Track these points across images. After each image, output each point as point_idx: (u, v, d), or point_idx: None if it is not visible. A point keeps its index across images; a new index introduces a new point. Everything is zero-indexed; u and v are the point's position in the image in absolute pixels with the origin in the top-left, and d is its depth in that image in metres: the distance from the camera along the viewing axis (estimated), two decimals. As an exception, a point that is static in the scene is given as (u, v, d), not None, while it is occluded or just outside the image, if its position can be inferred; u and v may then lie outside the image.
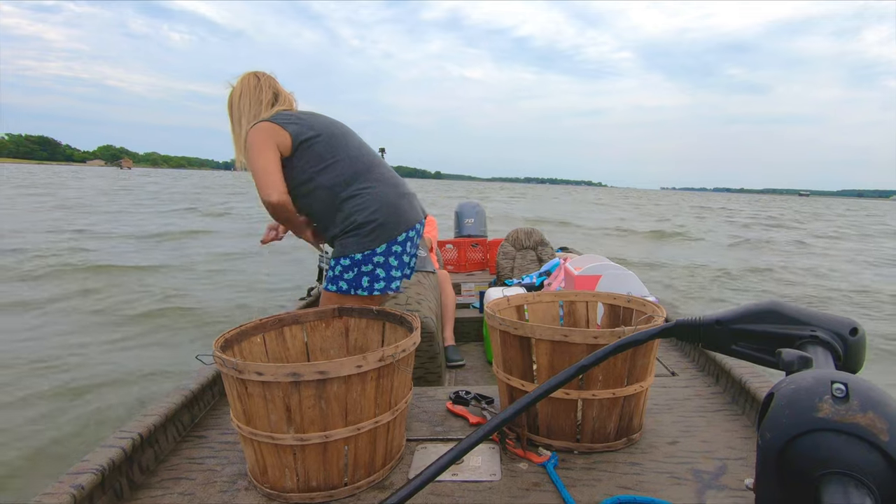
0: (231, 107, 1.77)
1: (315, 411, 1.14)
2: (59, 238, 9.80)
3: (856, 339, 0.53)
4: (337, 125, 1.79)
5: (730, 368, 1.74)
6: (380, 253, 1.69)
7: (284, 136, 1.66)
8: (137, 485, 1.28)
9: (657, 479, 1.26)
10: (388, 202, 1.71)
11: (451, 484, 1.25)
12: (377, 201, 1.69)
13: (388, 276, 1.73)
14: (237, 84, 1.77)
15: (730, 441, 1.43)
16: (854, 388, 0.39)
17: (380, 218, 1.68)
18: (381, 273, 1.71)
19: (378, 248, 1.68)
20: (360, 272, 1.70)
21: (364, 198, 1.68)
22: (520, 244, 4.00)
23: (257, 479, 1.24)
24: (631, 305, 1.69)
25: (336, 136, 1.74)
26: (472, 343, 3.30)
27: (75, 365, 3.81)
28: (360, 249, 1.67)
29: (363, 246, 1.67)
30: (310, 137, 1.69)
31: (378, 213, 1.68)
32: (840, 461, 0.36)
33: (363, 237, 1.67)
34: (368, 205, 1.68)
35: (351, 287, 1.71)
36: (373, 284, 1.71)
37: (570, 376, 0.61)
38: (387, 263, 1.71)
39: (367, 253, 1.68)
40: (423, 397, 1.78)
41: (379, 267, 1.70)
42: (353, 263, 1.69)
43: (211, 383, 1.74)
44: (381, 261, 1.70)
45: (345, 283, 1.71)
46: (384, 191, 1.72)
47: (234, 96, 1.76)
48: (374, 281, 1.71)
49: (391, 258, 1.72)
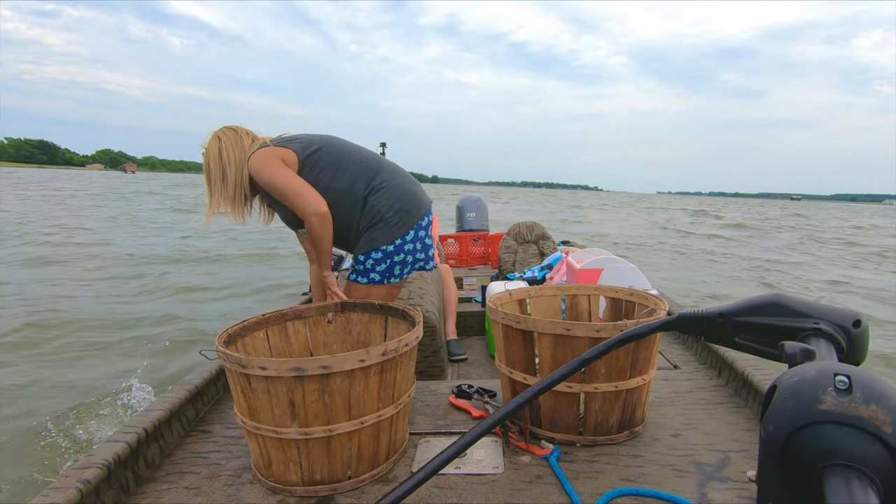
0: (209, 165, 1.68)
1: (319, 405, 1.15)
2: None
3: (859, 332, 0.53)
4: (330, 136, 1.81)
5: (732, 361, 1.74)
6: (409, 240, 1.75)
7: (289, 154, 1.67)
8: (143, 479, 1.29)
9: (660, 471, 1.26)
10: (406, 189, 1.77)
11: (454, 477, 1.26)
12: (398, 190, 1.74)
13: (416, 258, 1.81)
14: (211, 141, 1.70)
15: (732, 433, 1.43)
16: (857, 380, 0.39)
17: (403, 206, 1.74)
18: (410, 259, 1.79)
19: (407, 236, 1.74)
20: (393, 262, 1.75)
21: (385, 190, 1.73)
22: (521, 238, 4.00)
23: (262, 472, 1.25)
24: (633, 299, 1.69)
25: (337, 144, 1.77)
26: (474, 337, 3.31)
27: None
28: (390, 239, 1.72)
29: (392, 235, 1.72)
30: (314, 150, 1.71)
31: (400, 200, 1.74)
32: (843, 453, 0.36)
33: (391, 227, 1.72)
34: (390, 195, 1.73)
35: (383, 277, 1.77)
36: (403, 270, 1.79)
37: (573, 370, 0.61)
38: (415, 249, 1.79)
39: (398, 242, 1.73)
40: (425, 391, 1.78)
41: (409, 254, 1.77)
42: (384, 255, 1.73)
43: (215, 378, 1.75)
44: (411, 248, 1.77)
45: (377, 275, 1.76)
46: (400, 181, 1.78)
47: (212, 152, 1.68)
48: (404, 267, 1.79)
49: (418, 243, 1.79)
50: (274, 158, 1.65)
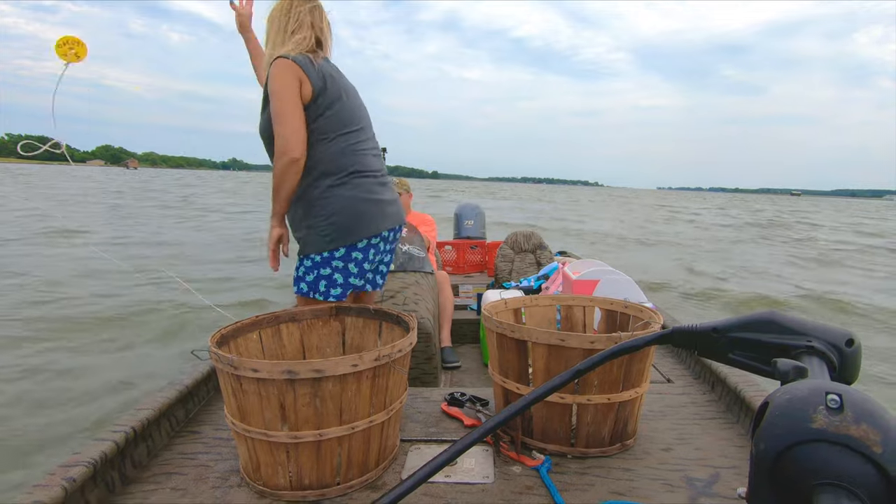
0: (270, 19, 1.64)
1: (310, 409, 1.14)
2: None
3: (851, 350, 0.53)
4: (356, 91, 1.76)
5: (725, 376, 1.75)
6: (338, 257, 1.68)
7: (308, 86, 1.56)
8: (129, 479, 1.27)
9: (650, 485, 1.26)
10: (356, 209, 1.68)
11: (444, 485, 1.25)
12: (349, 203, 1.68)
13: (348, 282, 1.72)
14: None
15: (724, 449, 1.43)
16: (848, 399, 0.39)
17: (342, 220, 1.67)
18: (339, 279, 1.71)
19: (336, 252, 1.66)
20: (319, 275, 1.68)
21: (336, 197, 1.67)
22: (518, 247, 4.01)
23: (250, 476, 1.24)
24: (628, 311, 1.69)
25: (354, 108, 1.71)
26: (468, 345, 3.30)
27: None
28: (317, 249, 1.68)
29: (319, 246, 1.67)
30: (331, 102, 1.62)
31: (342, 213, 1.67)
32: (833, 472, 0.36)
33: (321, 236, 1.68)
34: (336, 204, 1.66)
35: (310, 290, 1.71)
36: (329, 290, 1.70)
37: (566, 380, 0.61)
38: (346, 269, 1.71)
39: (325, 255, 1.66)
40: (418, 398, 1.78)
41: (338, 272, 1.69)
42: (312, 265, 1.68)
43: (206, 379, 1.73)
44: (340, 265, 1.69)
45: (305, 286, 1.70)
46: (362, 196, 1.68)
47: (273, 12, 1.64)
48: (331, 286, 1.70)
49: (351, 264, 1.69)
50: (293, 80, 1.52)
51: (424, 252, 2.91)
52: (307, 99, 1.55)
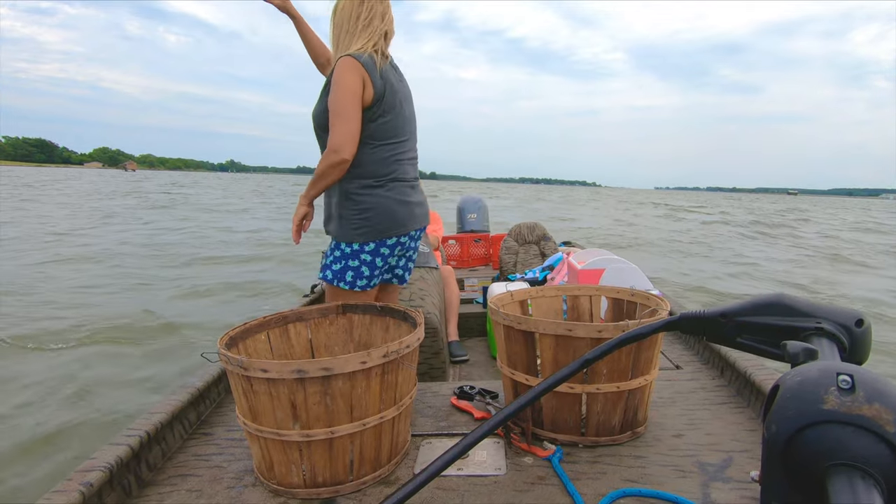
0: (336, 17, 1.68)
1: (320, 408, 1.15)
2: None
3: (861, 331, 0.53)
4: (410, 100, 1.80)
5: (734, 361, 1.74)
6: (368, 251, 1.75)
7: (370, 89, 1.60)
8: (145, 482, 1.29)
9: (662, 471, 1.26)
10: (391, 209, 1.76)
11: (456, 478, 1.25)
12: (386, 204, 1.75)
13: (374, 273, 1.80)
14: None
15: (735, 434, 1.43)
16: (860, 379, 0.39)
17: (373, 218, 1.74)
18: (366, 271, 1.78)
19: (367, 246, 1.74)
20: (346, 266, 1.76)
21: (377, 196, 1.74)
22: (523, 239, 4.00)
23: (264, 475, 1.25)
24: (635, 299, 1.69)
25: (407, 118, 1.76)
26: (475, 338, 3.31)
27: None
28: (348, 239, 1.73)
29: (351, 236, 1.74)
30: (387, 110, 1.66)
31: (377, 210, 1.74)
32: (846, 453, 0.36)
33: (354, 227, 1.74)
34: (373, 200, 1.74)
35: (335, 278, 1.78)
36: (356, 280, 1.78)
37: (575, 370, 0.61)
38: (373, 263, 1.78)
39: (356, 247, 1.73)
40: (427, 393, 1.78)
41: (366, 265, 1.77)
42: (342, 255, 1.76)
43: (216, 381, 1.75)
44: (368, 259, 1.77)
45: (330, 273, 1.77)
46: (400, 196, 1.77)
47: (339, 10, 1.68)
48: (357, 277, 1.78)
49: (378, 259, 1.77)
50: (358, 80, 1.56)
51: (429, 247, 2.92)
52: (367, 102, 1.61)
